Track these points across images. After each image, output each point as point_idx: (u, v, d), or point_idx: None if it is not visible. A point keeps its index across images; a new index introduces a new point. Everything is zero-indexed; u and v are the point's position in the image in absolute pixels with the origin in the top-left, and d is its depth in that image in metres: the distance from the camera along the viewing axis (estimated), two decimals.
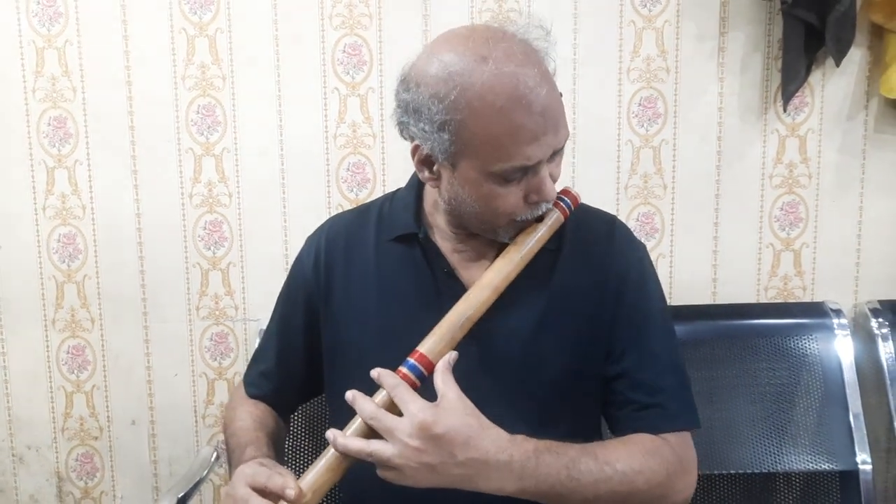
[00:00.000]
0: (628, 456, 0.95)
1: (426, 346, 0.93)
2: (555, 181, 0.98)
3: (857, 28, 1.57)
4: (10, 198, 1.72)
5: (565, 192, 1.04)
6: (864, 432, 1.52)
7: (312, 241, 1.16)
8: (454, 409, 0.88)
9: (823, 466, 1.52)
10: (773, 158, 1.67)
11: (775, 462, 1.52)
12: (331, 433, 0.89)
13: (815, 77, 1.64)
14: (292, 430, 1.45)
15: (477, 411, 0.90)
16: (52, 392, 1.78)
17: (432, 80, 0.92)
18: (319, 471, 0.90)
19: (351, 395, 0.91)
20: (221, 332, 1.74)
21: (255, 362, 1.22)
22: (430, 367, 0.92)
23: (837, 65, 1.59)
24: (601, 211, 1.15)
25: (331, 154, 1.69)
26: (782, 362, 1.57)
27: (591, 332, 1.05)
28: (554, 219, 1.01)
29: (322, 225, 1.18)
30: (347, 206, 1.68)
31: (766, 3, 1.61)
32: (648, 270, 1.10)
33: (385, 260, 1.09)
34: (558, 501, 0.92)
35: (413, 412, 0.87)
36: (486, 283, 0.98)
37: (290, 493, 0.87)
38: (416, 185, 1.11)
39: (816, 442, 1.53)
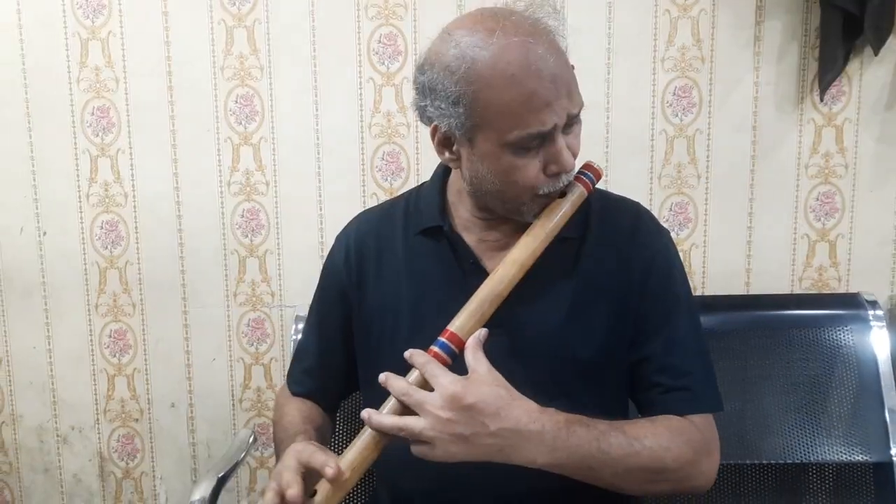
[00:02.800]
0: (656, 433, 0.96)
1: (456, 325, 0.95)
2: (574, 156, 0.99)
3: None
4: (55, 186, 1.77)
5: (588, 166, 1.04)
6: None
7: (342, 238, 1.18)
8: (484, 381, 0.90)
9: (857, 458, 1.51)
10: (810, 148, 1.66)
11: (808, 452, 1.51)
12: (366, 412, 0.91)
13: (853, 66, 1.62)
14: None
15: (507, 384, 0.91)
16: (94, 375, 1.83)
17: (445, 58, 0.95)
18: (357, 450, 0.92)
19: (384, 376, 0.93)
20: (258, 318, 1.78)
21: (297, 361, 1.24)
22: (461, 345, 0.93)
23: (876, 53, 1.58)
24: (624, 198, 1.15)
25: (366, 143, 1.71)
26: (816, 353, 1.56)
27: (617, 320, 1.05)
28: (577, 194, 1.01)
29: (350, 222, 1.20)
30: (382, 195, 1.70)
31: None
32: (673, 257, 1.09)
33: (413, 254, 1.10)
34: (589, 476, 0.93)
35: (443, 384, 0.88)
36: (512, 259, 0.98)
37: (329, 470, 0.89)
38: (439, 179, 1.13)
39: (850, 433, 1.52)
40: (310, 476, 0.92)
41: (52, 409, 1.85)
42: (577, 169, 1.02)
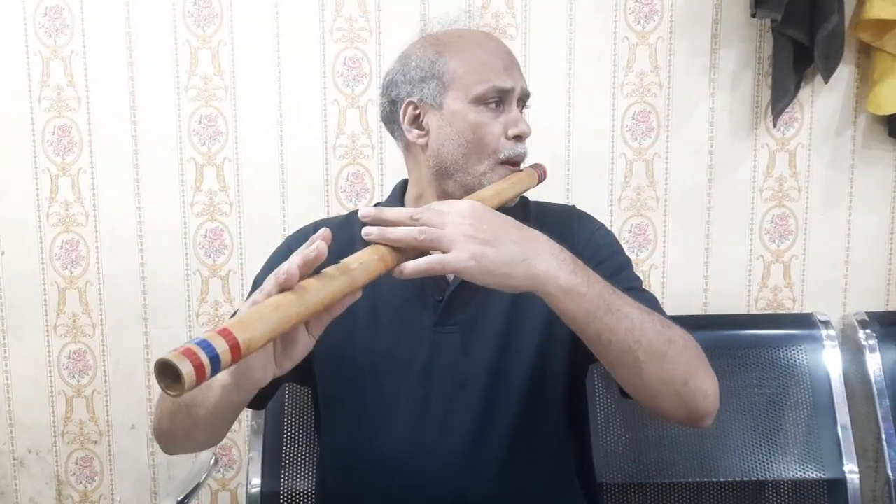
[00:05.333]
0: (657, 314, 0.94)
1: None
2: (527, 136, 1.09)
3: (846, 46, 1.61)
4: (14, 205, 1.74)
5: (538, 164, 1.16)
6: (852, 441, 1.55)
7: (301, 235, 1.17)
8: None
9: (812, 475, 1.55)
10: (764, 172, 1.71)
11: (765, 470, 1.55)
12: (368, 228, 0.86)
13: (805, 93, 1.68)
14: (289, 439, 1.48)
15: None
16: (52, 396, 1.80)
17: (417, 46, 1.11)
18: (362, 252, 0.84)
19: (372, 224, 0.87)
20: None
21: None
22: None
23: (826, 82, 1.63)
24: (561, 203, 1.24)
25: (330, 164, 1.72)
26: (772, 372, 1.60)
27: None
28: (533, 176, 1.12)
29: (308, 224, 1.20)
30: None
31: (756, 21, 1.65)
32: (612, 237, 1.15)
33: None
34: (607, 319, 0.88)
35: (458, 203, 0.88)
36: (489, 188, 1.05)
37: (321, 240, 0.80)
38: (397, 194, 1.18)
39: (805, 451, 1.56)
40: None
41: (8, 431, 1.81)
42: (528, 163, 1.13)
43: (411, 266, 0.84)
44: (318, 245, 0.78)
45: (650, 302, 1.05)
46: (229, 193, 1.73)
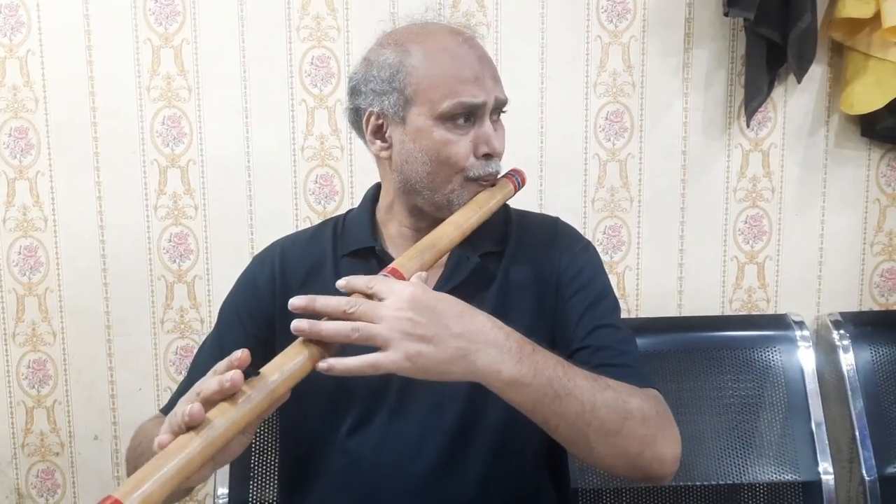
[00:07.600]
0: (615, 382, 0.92)
1: (398, 262, 0.91)
2: (499, 155, 1.03)
3: (818, 45, 1.61)
4: None
5: (515, 169, 1.09)
6: (826, 442, 1.55)
7: (265, 259, 1.13)
8: (440, 293, 0.86)
9: (787, 477, 1.54)
10: (737, 172, 1.70)
11: (740, 473, 1.54)
12: (301, 322, 0.81)
13: (778, 93, 1.67)
14: (258, 450, 1.45)
15: None
16: (11, 407, 1.74)
17: (379, 48, 1.03)
18: (284, 355, 0.81)
19: (304, 299, 0.84)
20: (187, 346, 1.73)
21: (179, 392, 1.10)
22: (403, 280, 0.89)
23: (799, 81, 1.62)
24: (544, 214, 1.18)
25: (298, 166, 1.68)
26: (746, 374, 1.59)
27: (540, 323, 1.04)
28: (507, 189, 1.06)
29: (274, 244, 1.16)
30: (315, 219, 1.67)
31: (729, 21, 1.64)
32: (595, 258, 1.11)
33: (344, 275, 1.08)
34: (553, 409, 0.86)
35: (399, 289, 0.82)
36: (450, 221, 0.99)
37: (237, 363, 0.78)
38: (368, 203, 1.13)
39: (780, 453, 1.55)
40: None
41: None
42: (503, 171, 1.06)
43: (341, 366, 0.80)
44: (232, 376, 0.75)
45: (624, 342, 1.03)
46: (194, 196, 1.68)
